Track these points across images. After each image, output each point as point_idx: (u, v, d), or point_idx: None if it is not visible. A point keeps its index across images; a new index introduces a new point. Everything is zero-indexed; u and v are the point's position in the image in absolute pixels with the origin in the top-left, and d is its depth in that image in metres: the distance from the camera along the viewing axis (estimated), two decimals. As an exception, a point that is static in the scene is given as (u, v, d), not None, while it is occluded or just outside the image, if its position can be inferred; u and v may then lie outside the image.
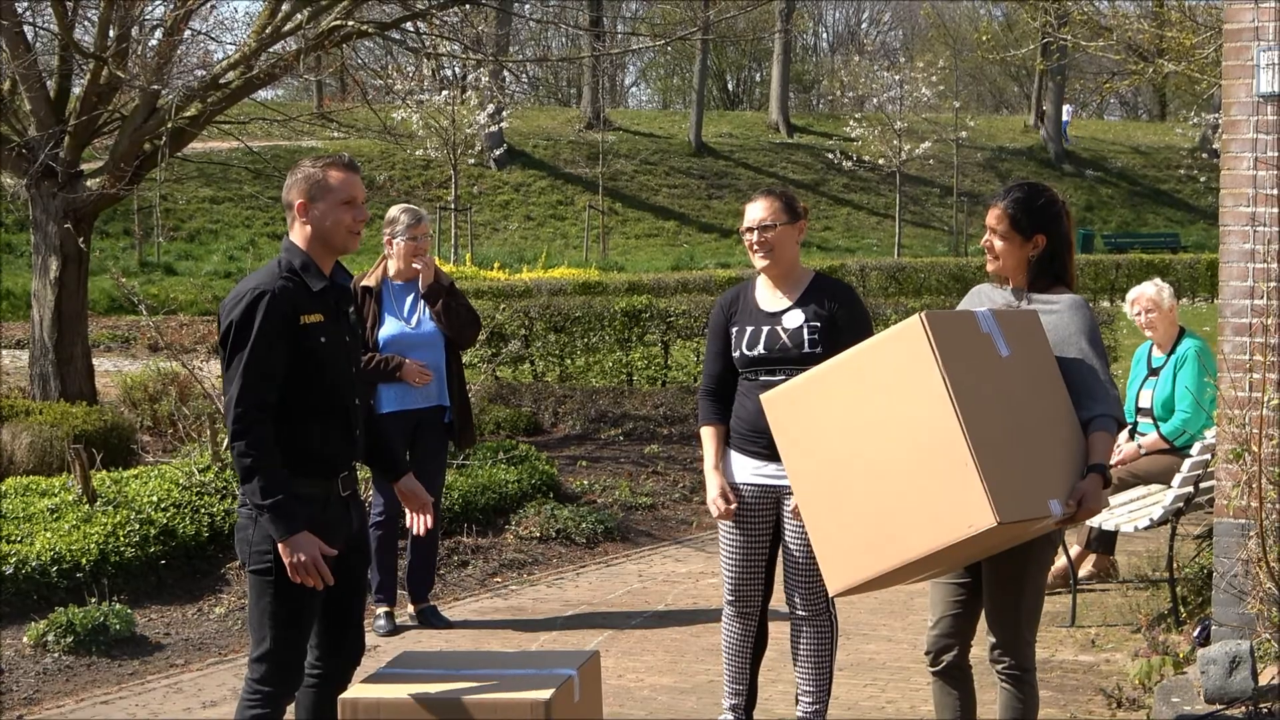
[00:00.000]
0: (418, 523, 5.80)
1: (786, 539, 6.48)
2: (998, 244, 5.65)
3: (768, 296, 6.55)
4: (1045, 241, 5.62)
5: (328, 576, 5.25)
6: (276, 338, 5.21)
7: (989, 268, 5.74)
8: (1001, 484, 4.92)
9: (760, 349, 6.43)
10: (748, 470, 6.50)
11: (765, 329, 6.45)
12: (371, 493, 8.97)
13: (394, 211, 8.83)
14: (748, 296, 6.60)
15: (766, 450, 6.26)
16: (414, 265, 8.76)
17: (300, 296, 5.30)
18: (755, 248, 6.46)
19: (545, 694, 5.22)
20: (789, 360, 6.35)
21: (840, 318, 6.42)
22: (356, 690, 5.42)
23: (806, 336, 6.38)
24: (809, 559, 6.31)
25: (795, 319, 6.43)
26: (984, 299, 5.77)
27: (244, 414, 5.17)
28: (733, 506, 6.47)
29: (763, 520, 6.54)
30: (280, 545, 5.20)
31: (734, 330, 6.53)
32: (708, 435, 6.60)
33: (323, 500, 5.37)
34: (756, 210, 6.48)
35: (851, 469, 5.22)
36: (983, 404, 5.04)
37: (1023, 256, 5.63)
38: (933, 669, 5.79)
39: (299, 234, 5.42)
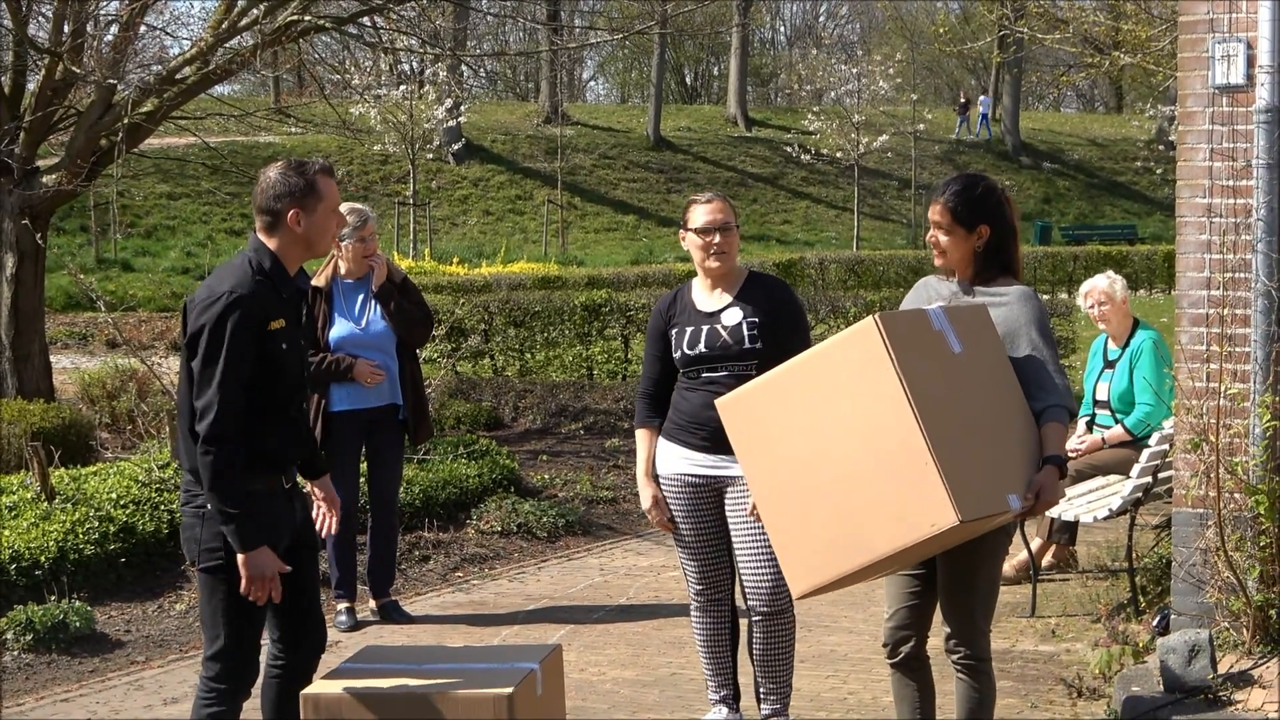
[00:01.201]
0: (324, 523, 5.85)
1: (740, 539, 6.47)
2: (942, 239, 5.61)
3: (705, 297, 6.58)
4: (989, 231, 5.58)
5: (277, 594, 5.33)
6: (250, 345, 5.25)
7: (937, 262, 5.70)
8: (961, 482, 4.94)
9: (701, 347, 6.44)
10: (688, 462, 6.51)
11: (705, 328, 6.47)
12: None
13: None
14: (684, 299, 6.63)
15: (706, 442, 6.35)
16: (370, 263, 8.72)
17: (269, 302, 5.34)
18: (716, 249, 6.46)
19: (507, 688, 5.23)
20: (729, 357, 6.40)
21: (778, 313, 6.46)
22: (319, 686, 5.42)
23: (746, 333, 6.40)
24: (769, 557, 6.32)
25: (734, 316, 6.45)
26: (930, 291, 5.76)
27: (220, 420, 5.19)
28: (667, 518, 6.59)
29: (708, 509, 6.55)
30: (240, 557, 5.26)
31: (673, 332, 6.55)
32: (643, 438, 6.67)
33: (268, 495, 5.40)
34: (715, 213, 6.48)
35: (810, 471, 5.23)
36: (939, 402, 5.06)
37: (968, 249, 5.60)
38: (891, 660, 5.80)
39: (277, 238, 5.41)
